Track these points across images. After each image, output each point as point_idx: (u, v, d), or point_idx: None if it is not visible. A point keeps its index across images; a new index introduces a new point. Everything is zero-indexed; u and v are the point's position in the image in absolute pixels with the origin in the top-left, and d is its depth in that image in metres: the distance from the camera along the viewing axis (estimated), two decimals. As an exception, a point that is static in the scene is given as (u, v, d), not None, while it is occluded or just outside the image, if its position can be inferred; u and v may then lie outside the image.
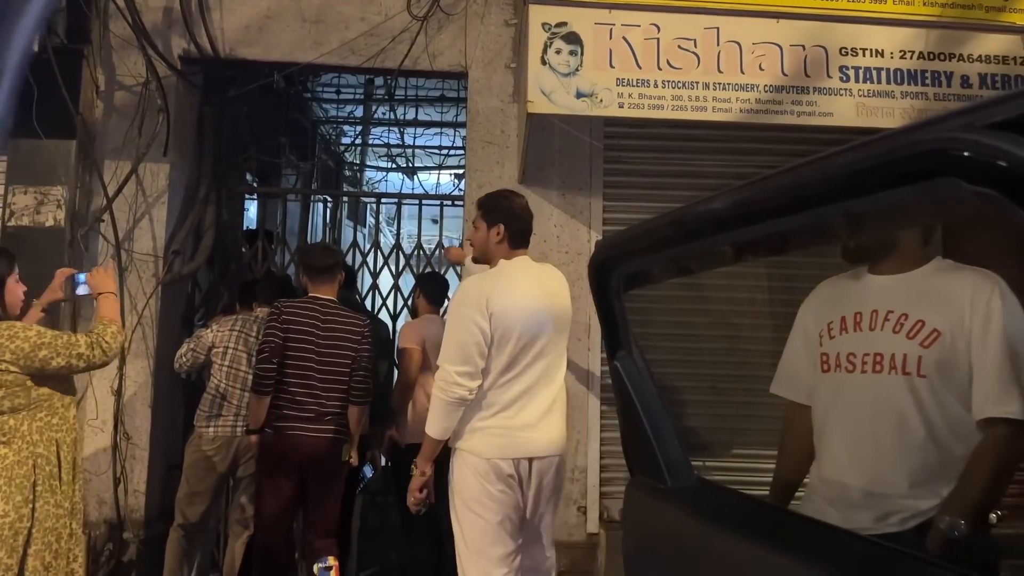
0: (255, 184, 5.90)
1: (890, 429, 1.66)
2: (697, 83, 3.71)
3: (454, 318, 2.80)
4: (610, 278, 1.19)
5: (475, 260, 3.10)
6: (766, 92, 3.74)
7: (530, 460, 2.80)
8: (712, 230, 0.90)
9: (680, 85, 3.70)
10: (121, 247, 4.28)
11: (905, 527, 1.61)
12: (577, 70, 3.67)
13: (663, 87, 3.69)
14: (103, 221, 4.26)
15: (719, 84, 3.71)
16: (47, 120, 4.00)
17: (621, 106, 3.68)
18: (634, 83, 3.68)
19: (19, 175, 4.13)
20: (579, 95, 3.67)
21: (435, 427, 2.78)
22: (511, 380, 2.77)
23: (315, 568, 3.47)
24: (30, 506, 2.39)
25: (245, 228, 5.59)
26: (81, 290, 2.98)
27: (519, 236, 2.96)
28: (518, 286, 2.84)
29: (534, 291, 2.86)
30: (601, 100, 3.67)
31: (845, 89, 3.78)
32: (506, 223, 2.92)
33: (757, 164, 4.45)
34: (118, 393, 4.20)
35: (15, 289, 2.64)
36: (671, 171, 4.50)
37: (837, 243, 1.74)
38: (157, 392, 4.31)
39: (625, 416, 1.27)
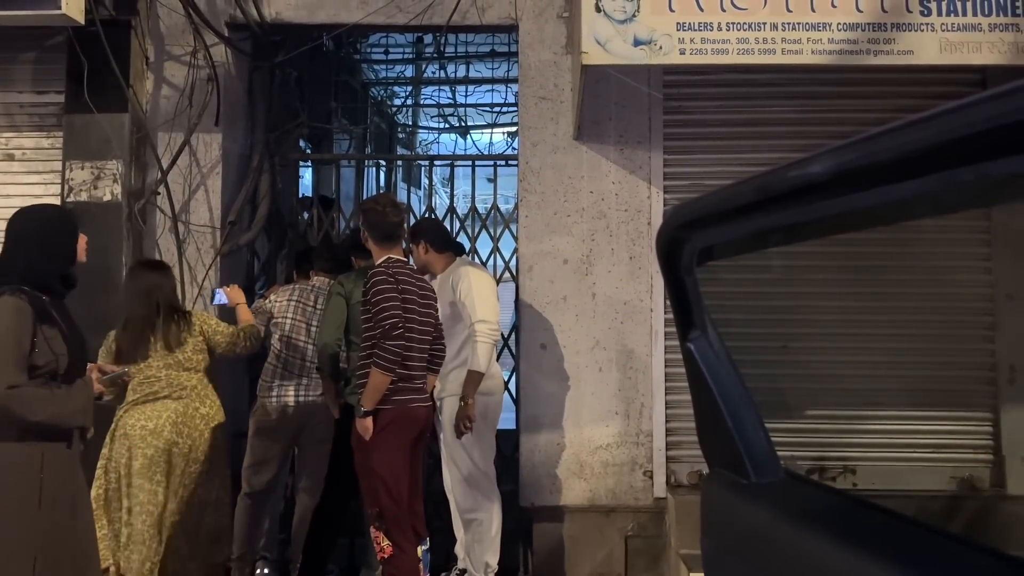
0: (308, 151, 5.86)
1: None
2: (764, 24, 3.48)
3: (487, 288, 3.78)
4: (682, 252, 1.06)
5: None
6: (839, 31, 3.48)
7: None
8: (812, 198, 0.76)
9: (746, 27, 3.48)
10: (178, 219, 4.29)
11: None
12: (634, 16, 3.47)
13: (727, 30, 3.46)
14: (159, 194, 4.26)
15: (788, 24, 3.48)
16: (99, 94, 4.00)
17: (682, 52, 3.47)
18: (696, 27, 3.46)
19: (75, 151, 4.15)
20: (637, 43, 3.46)
21: (484, 364, 3.64)
22: None
23: (418, 551, 3.35)
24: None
25: (301, 195, 5.56)
26: (218, 299, 3.77)
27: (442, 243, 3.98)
28: None
29: None
30: (660, 47, 3.46)
31: (926, 24, 3.50)
32: (424, 237, 3.91)
33: (830, 110, 4.21)
34: (182, 365, 4.24)
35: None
36: (737, 120, 4.29)
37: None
38: (219, 362, 4.33)
39: (700, 403, 1.14)
